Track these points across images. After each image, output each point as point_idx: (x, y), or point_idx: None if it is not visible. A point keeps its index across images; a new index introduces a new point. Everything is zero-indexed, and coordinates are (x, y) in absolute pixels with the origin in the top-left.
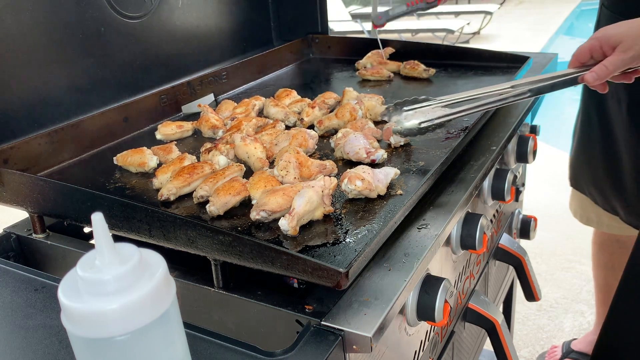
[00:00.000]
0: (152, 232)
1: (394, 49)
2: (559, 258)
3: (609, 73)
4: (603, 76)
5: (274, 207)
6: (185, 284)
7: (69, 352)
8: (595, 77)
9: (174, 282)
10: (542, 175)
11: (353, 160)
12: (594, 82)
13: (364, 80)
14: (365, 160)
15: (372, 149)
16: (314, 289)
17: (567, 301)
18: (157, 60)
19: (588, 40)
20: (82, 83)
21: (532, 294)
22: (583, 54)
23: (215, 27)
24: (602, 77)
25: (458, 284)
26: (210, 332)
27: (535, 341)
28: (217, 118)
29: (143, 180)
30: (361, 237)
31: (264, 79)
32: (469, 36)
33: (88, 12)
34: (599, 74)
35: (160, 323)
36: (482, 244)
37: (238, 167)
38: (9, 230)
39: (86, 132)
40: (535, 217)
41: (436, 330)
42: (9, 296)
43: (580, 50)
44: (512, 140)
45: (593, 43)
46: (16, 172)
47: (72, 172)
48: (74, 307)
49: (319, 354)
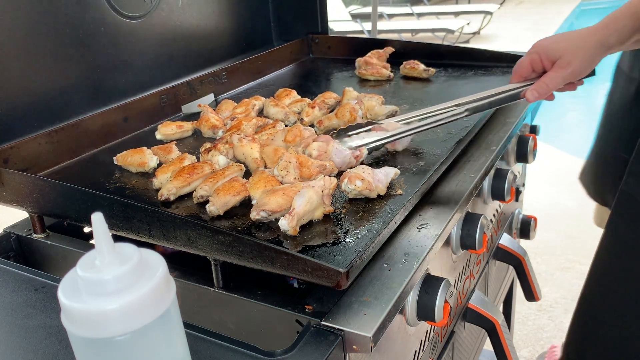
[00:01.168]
0: (152, 232)
1: (394, 48)
2: (559, 258)
3: (549, 90)
4: (543, 93)
5: (274, 207)
6: (185, 284)
7: (69, 352)
8: (536, 95)
9: (174, 282)
10: (542, 175)
11: (343, 170)
12: (534, 100)
13: (364, 80)
14: (355, 164)
15: (358, 151)
16: (314, 289)
17: (567, 301)
18: (157, 60)
19: (527, 53)
20: (82, 83)
21: (532, 294)
22: (524, 69)
23: (215, 27)
24: (542, 95)
25: (458, 284)
26: (210, 332)
27: (535, 341)
28: (217, 118)
29: (143, 180)
30: (361, 237)
31: (264, 79)
32: (469, 36)
33: (88, 12)
34: (539, 91)
35: (160, 323)
36: (482, 244)
37: (238, 167)
38: (9, 230)
39: (86, 132)
40: (535, 217)
41: (436, 330)
42: (9, 296)
43: (521, 64)
44: (512, 140)
45: (533, 57)
46: (16, 172)
47: (72, 172)
48: (74, 307)
49: (319, 354)
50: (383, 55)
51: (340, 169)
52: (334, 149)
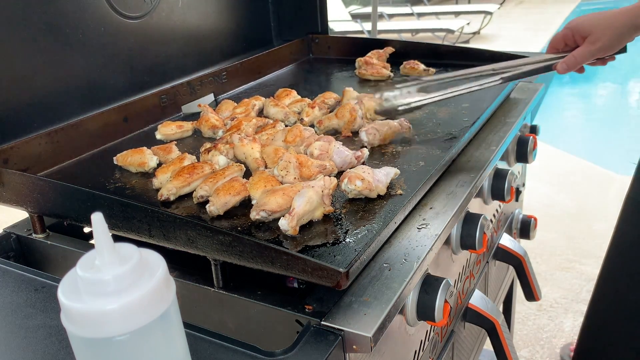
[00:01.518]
0: (152, 232)
1: (394, 48)
2: (559, 258)
3: (577, 63)
4: (572, 66)
5: (274, 207)
6: (185, 284)
7: (69, 352)
8: (565, 68)
9: (173, 282)
10: (542, 175)
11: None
12: (564, 72)
13: (364, 80)
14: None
15: (359, 152)
16: (314, 289)
17: (567, 301)
18: (157, 60)
19: (562, 29)
20: (82, 83)
21: (532, 294)
22: (557, 42)
23: (215, 27)
24: (571, 67)
25: (458, 284)
26: (210, 332)
27: (535, 341)
28: (217, 118)
29: (143, 180)
30: (361, 237)
31: (264, 79)
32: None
33: (88, 12)
34: (569, 64)
35: (160, 323)
36: (482, 244)
37: (238, 167)
38: (9, 230)
39: (86, 132)
40: (535, 217)
41: (436, 330)
42: (9, 296)
43: (555, 38)
44: (512, 140)
45: (566, 32)
46: (16, 172)
47: (72, 172)
48: (74, 307)
49: (319, 354)
50: (383, 55)
51: (341, 168)
52: (336, 148)
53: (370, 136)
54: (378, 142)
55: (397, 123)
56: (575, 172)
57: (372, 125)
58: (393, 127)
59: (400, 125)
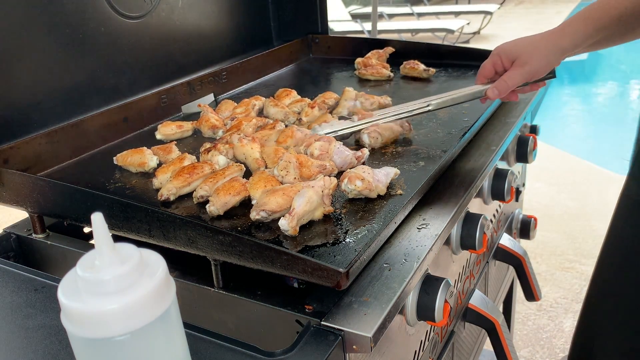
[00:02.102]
0: (152, 232)
1: (394, 48)
2: (559, 258)
3: (508, 87)
4: (503, 90)
5: (274, 207)
6: (185, 284)
7: (69, 352)
8: (497, 93)
9: (174, 282)
10: (542, 175)
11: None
12: (494, 97)
13: (363, 80)
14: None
15: (360, 152)
16: (314, 289)
17: (567, 301)
18: (157, 60)
19: (490, 56)
20: (82, 83)
21: (532, 294)
22: (487, 70)
23: (215, 27)
24: (502, 92)
25: (458, 284)
26: (210, 332)
27: (535, 341)
28: (217, 118)
29: (143, 180)
30: (361, 237)
31: (264, 79)
32: (469, 36)
33: (88, 12)
34: (499, 88)
35: (160, 323)
36: (482, 244)
37: (238, 167)
38: (9, 230)
39: (86, 132)
40: (535, 217)
41: (436, 330)
42: (9, 296)
43: (484, 67)
44: (512, 140)
45: (495, 59)
46: (16, 172)
47: (72, 172)
48: (74, 307)
49: (319, 354)
50: (383, 55)
51: (341, 169)
52: (336, 148)
53: (373, 139)
54: (380, 145)
55: (398, 125)
56: (575, 172)
57: (375, 129)
58: (396, 130)
59: (401, 127)
